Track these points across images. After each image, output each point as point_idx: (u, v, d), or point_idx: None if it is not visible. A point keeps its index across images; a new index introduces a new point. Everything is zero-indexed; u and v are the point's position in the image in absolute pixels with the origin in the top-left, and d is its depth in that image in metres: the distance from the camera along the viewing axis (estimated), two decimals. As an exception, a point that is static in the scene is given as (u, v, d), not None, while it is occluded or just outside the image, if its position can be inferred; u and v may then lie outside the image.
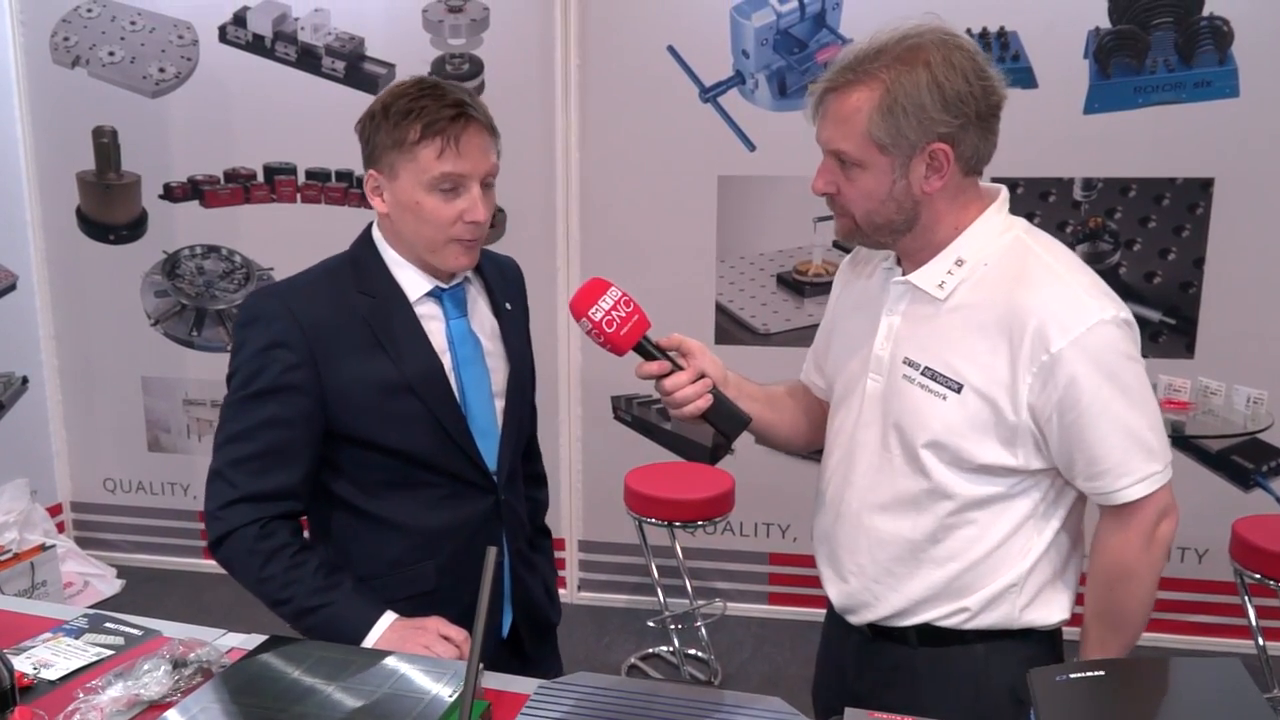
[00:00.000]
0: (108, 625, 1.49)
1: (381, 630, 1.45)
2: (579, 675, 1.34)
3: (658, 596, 3.45)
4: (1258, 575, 2.81)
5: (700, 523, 3.23)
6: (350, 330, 1.51)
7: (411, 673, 1.32)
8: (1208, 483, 3.37)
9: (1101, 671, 1.15)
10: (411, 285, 1.56)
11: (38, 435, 4.09)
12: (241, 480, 1.49)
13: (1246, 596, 2.95)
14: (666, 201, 3.55)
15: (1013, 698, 1.43)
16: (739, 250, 3.57)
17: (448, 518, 1.58)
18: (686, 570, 3.46)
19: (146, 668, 1.30)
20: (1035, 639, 1.46)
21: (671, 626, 3.46)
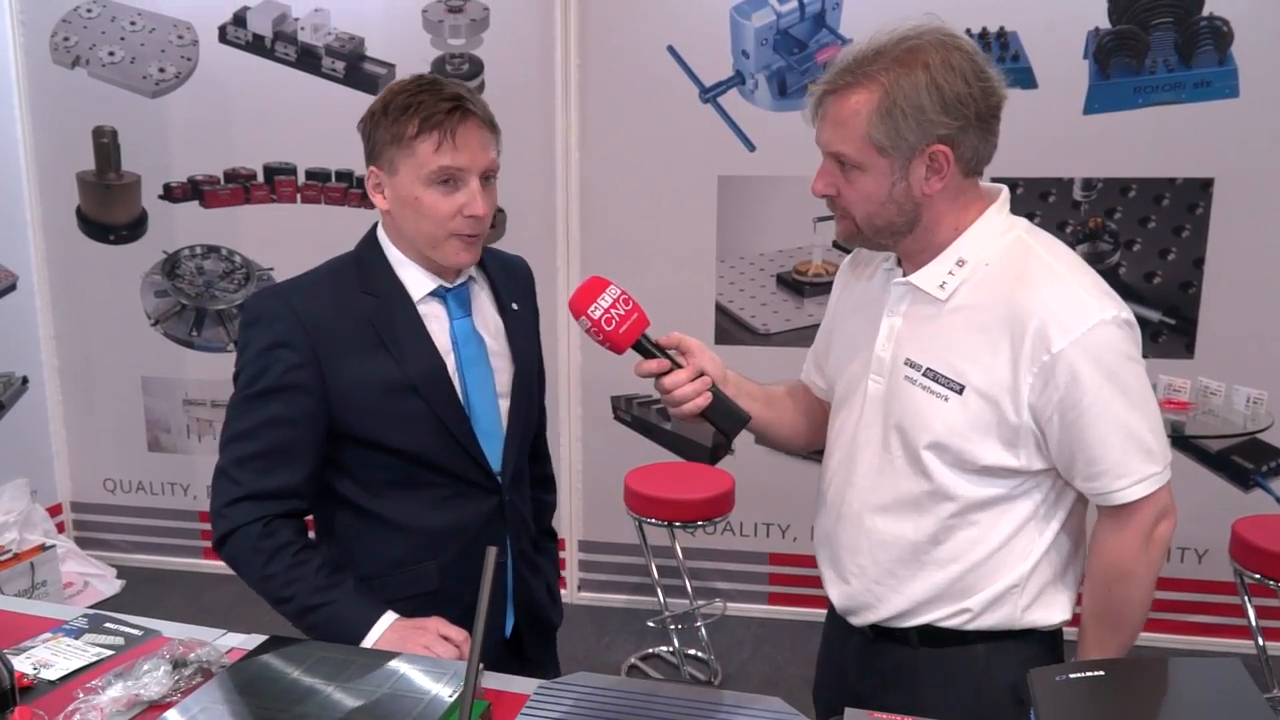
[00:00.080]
0: (108, 625, 1.49)
1: (382, 630, 1.45)
2: (579, 675, 1.34)
3: (658, 596, 3.45)
4: (1257, 575, 2.81)
5: (700, 523, 3.23)
6: (353, 330, 1.52)
7: (411, 673, 1.32)
8: (1208, 483, 3.37)
9: (1101, 671, 1.16)
10: (415, 285, 1.56)
11: (38, 435, 4.09)
12: (246, 478, 1.50)
13: (1246, 596, 2.95)
14: (666, 202, 3.55)
15: (1014, 698, 1.43)
16: (739, 250, 3.57)
17: (451, 518, 1.58)
18: (686, 570, 3.46)
19: (146, 668, 1.30)
20: (1036, 639, 1.46)
21: (671, 626, 3.46)
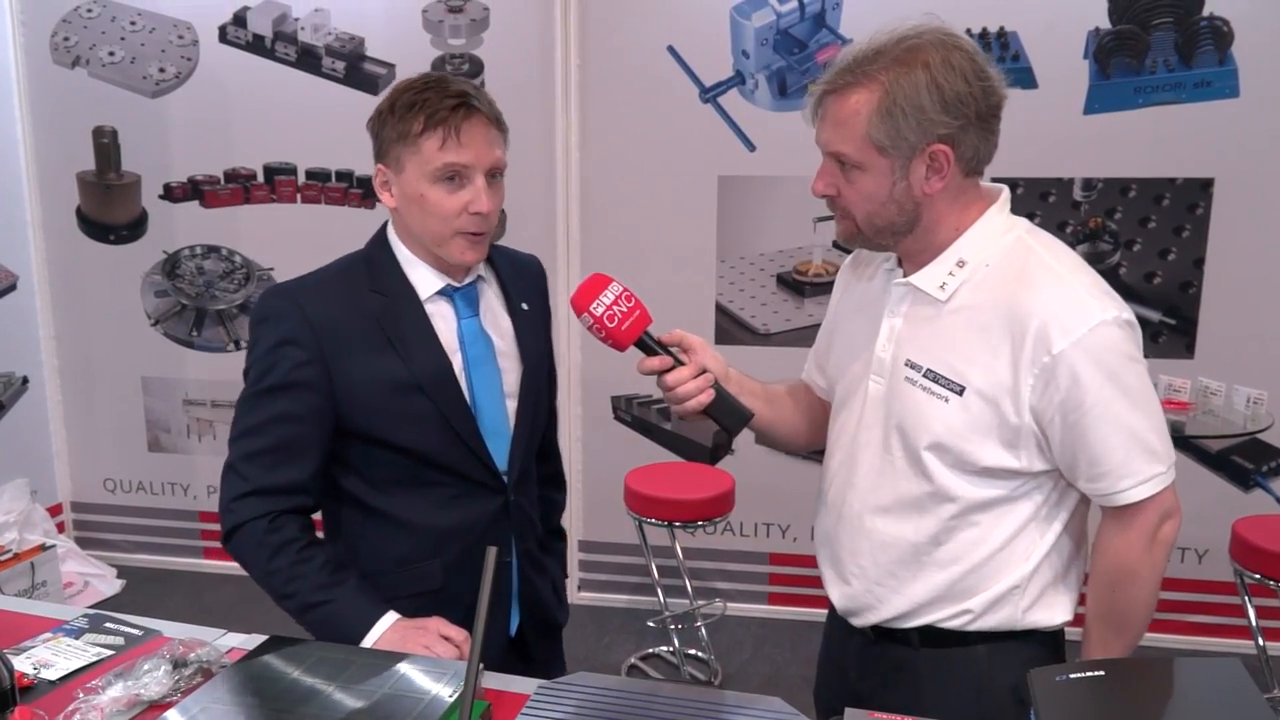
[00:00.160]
0: (108, 625, 1.49)
1: (382, 630, 1.45)
2: (579, 675, 1.34)
3: (658, 596, 3.45)
4: (1258, 575, 2.81)
5: (700, 523, 3.23)
6: (361, 328, 1.52)
7: (411, 673, 1.32)
8: (1208, 483, 3.37)
9: (1101, 671, 1.16)
10: (423, 284, 1.56)
11: (38, 435, 4.09)
12: (253, 474, 1.51)
13: (1246, 597, 2.95)
14: (666, 202, 3.55)
15: (1015, 698, 1.43)
16: (739, 250, 3.57)
17: (456, 517, 1.58)
18: (686, 570, 3.46)
19: (146, 668, 1.30)
20: (1038, 640, 1.46)
21: (671, 626, 3.45)
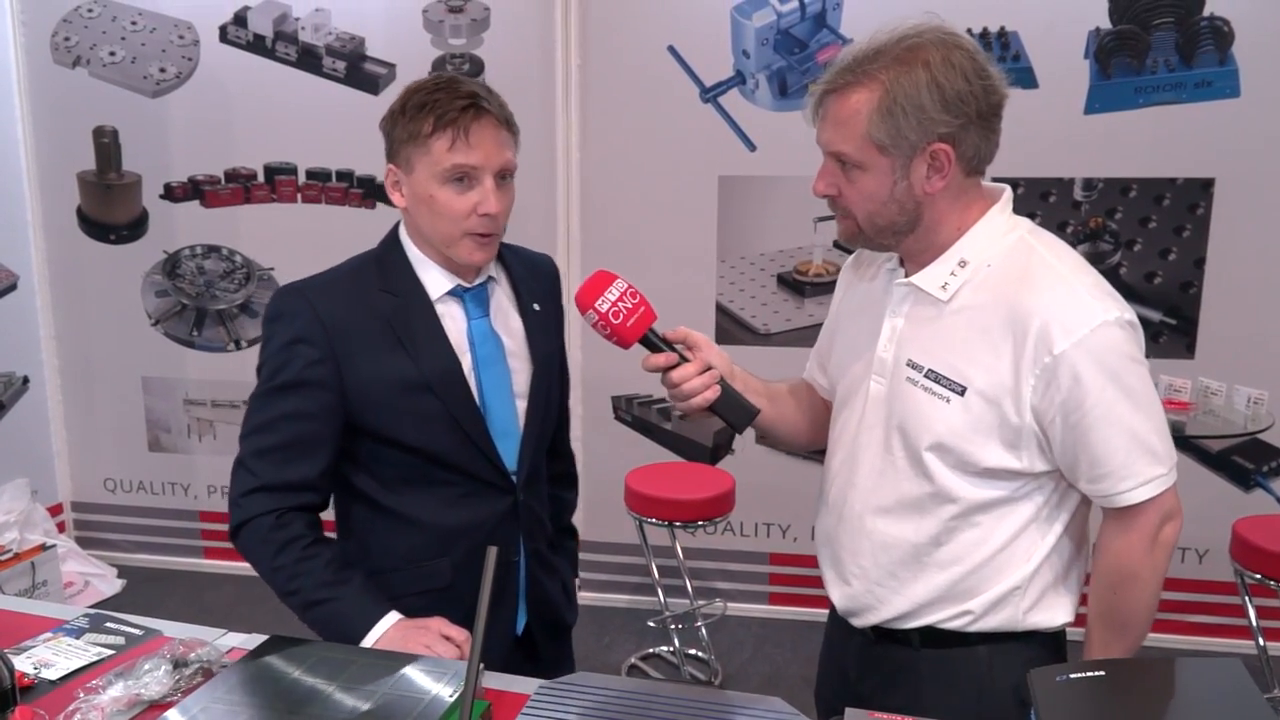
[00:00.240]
0: (108, 625, 1.49)
1: (384, 629, 1.45)
2: (579, 675, 1.34)
3: (658, 596, 3.45)
4: (1258, 575, 2.81)
5: (700, 523, 3.23)
6: (371, 328, 1.53)
7: (412, 673, 1.32)
8: (1208, 483, 3.37)
9: (1102, 672, 1.16)
10: (433, 284, 1.56)
11: (38, 435, 4.09)
12: (262, 470, 1.52)
13: (1247, 597, 2.95)
14: (667, 201, 3.55)
15: (1016, 700, 1.42)
16: (739, 250, 3.57)
17: (465, 516, 1.58)
18: (687, 570, 3.46)
19: (147, 668, 1.30)
20: (1039, 641, 1.46)
21: (672, 626, 3.45)
